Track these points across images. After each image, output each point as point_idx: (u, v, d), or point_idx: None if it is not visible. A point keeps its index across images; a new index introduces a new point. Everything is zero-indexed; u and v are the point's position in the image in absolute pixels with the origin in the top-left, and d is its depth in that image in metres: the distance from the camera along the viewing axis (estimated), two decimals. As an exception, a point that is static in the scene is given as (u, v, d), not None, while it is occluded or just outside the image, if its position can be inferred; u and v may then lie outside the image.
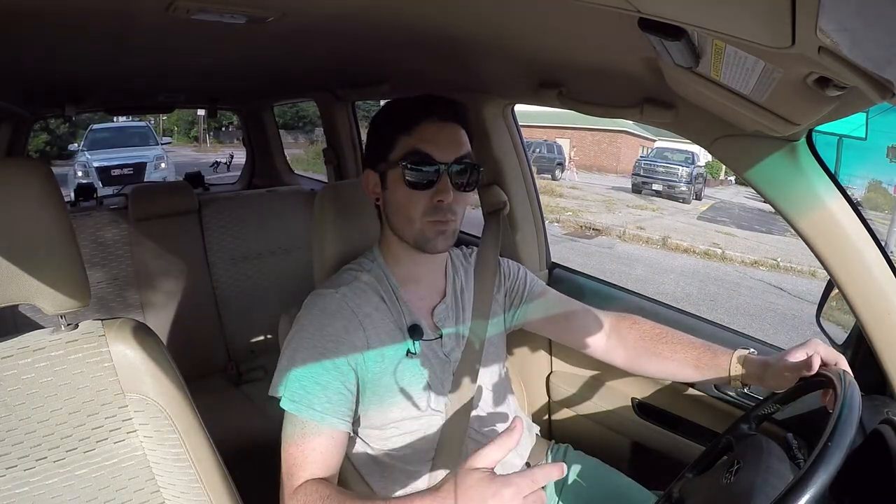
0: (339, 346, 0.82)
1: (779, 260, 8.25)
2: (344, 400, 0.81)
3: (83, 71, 1.50)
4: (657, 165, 14.25)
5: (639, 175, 14.38)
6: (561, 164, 16.75)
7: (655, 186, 13.89)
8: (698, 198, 14.54)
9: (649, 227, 9.94)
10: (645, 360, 1.01)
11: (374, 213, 0.94)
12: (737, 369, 0.89)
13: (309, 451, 0.77)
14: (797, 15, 0.35)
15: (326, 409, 0.79)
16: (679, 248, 8.74)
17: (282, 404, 0.80)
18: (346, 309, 0.85)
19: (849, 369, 0.78)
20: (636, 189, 14.24)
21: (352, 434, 0.87)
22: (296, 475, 0.76)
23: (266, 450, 1.52)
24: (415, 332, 0.89)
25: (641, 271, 7.18)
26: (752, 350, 0.91)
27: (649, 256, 8.14)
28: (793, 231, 0.85)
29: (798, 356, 0.81)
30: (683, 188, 13.80)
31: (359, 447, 0.92)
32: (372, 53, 1.23)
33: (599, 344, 1.05)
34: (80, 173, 8.10)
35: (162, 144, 10.04)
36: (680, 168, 13.92)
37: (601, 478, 1.06)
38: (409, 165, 0.83)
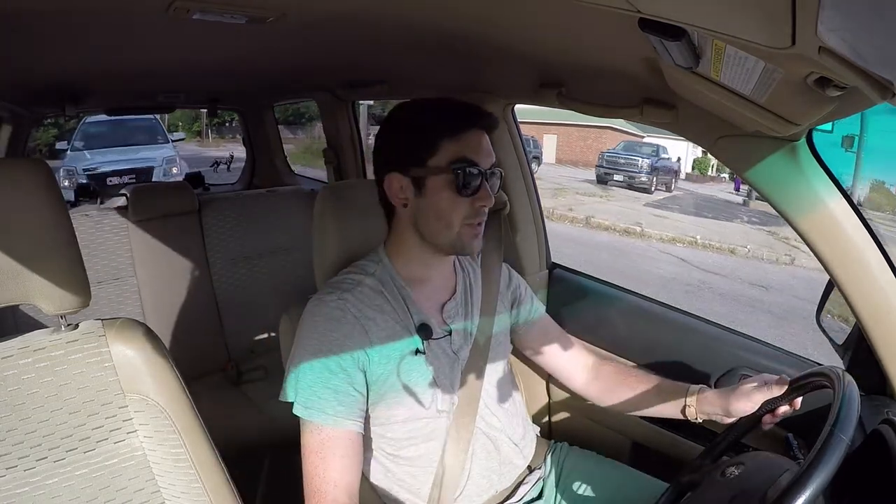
0: (343, 349, 0.82)
1: (698, 238, 8.50)
2: (355, 402, 0.83)
3: (83, 71, 1.50)
4: (619, 157, 14.71)
5: (602, 167, 14.76)
6: (537, 158, 17.09)
7: (617, 177, 14.28)
8: (668, 189, 14.86)
9: (581, 210, 10.22)
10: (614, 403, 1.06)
11: (376, 213, 0.93)
12: (691, 406, 0.94)
13: (328, 458, 0.79)
14: (797, 15, 0.35)
15: (339, 413, 0.80)
16: (601, 226, 9.18)
17: (295, 410, 0.81)
18: (348, 314, 0.84)
19: (783, 406, 0.81)
20: (601, 180, 14.51)
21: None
22: (321, 490, 0.78)
23: (266, 450, 1.53)
24: (423, 331, 0.90)
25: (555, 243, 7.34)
26: (703, 386, 0.96)
27: (568, 233, 8.41)
28: (792, 231, 0.85)
29: (750, 387, 0.85)
30: (644, 178, 14.09)
31: (364, 448, 0.92)
32: (372, 53, 1.23)
33: (580, 377, 1.10)
34: (65, 183, 5.82)
35: (173, 141, 7.63)
36: (640, 159, 14.26)
37: (601, 473, 1.07)
38: (460, 171, 0.82)
